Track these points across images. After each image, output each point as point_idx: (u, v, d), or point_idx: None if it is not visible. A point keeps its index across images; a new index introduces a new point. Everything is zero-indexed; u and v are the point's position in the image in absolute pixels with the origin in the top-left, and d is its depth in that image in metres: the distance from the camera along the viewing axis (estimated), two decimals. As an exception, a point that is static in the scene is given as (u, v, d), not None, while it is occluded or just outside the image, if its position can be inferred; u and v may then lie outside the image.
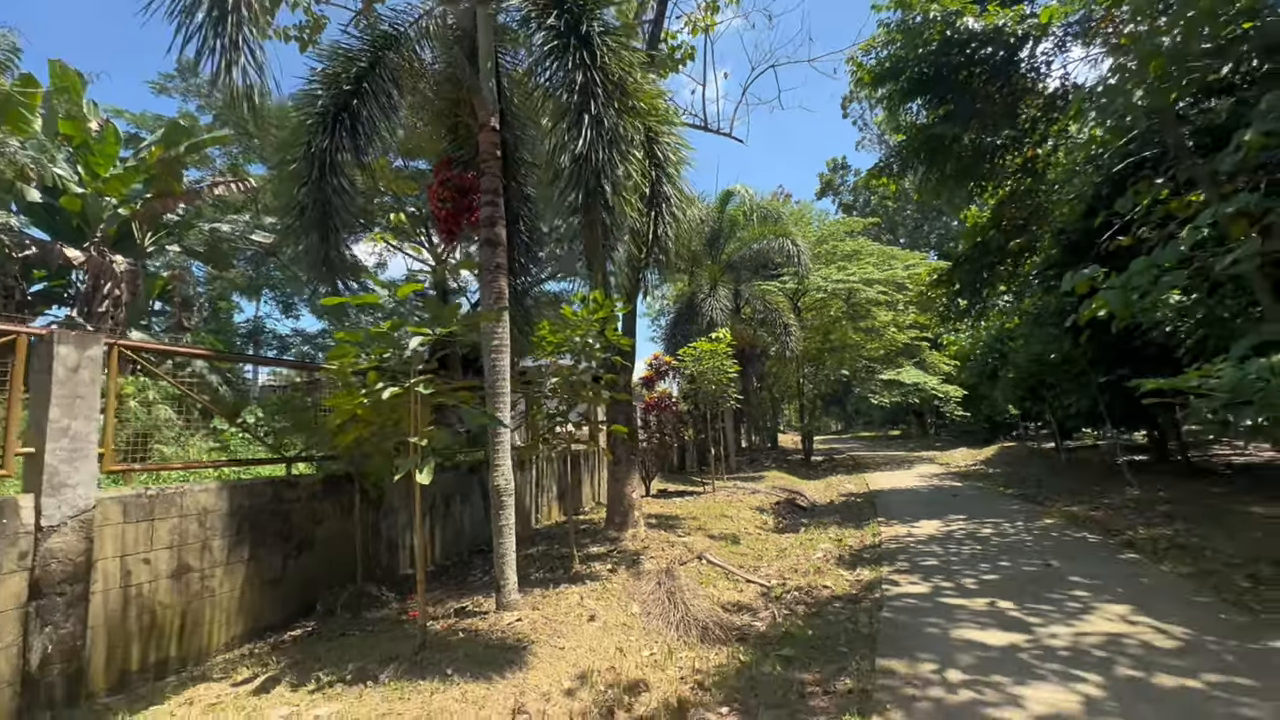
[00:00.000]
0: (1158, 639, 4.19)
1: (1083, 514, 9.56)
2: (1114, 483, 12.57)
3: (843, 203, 39.86)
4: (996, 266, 12.08)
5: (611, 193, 4.56)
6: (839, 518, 10.75)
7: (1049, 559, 6.60)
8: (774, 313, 20.55)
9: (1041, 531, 8.26)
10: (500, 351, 5.11)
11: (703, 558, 7.27)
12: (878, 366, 24.81)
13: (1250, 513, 8.68)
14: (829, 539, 8.69)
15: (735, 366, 15.14)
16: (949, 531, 8.60)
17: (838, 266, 22.25)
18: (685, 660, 4.39)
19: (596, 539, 8.10)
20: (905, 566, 6.66)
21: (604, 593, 5.68)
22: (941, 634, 4.52)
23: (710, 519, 10.14)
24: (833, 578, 6.50)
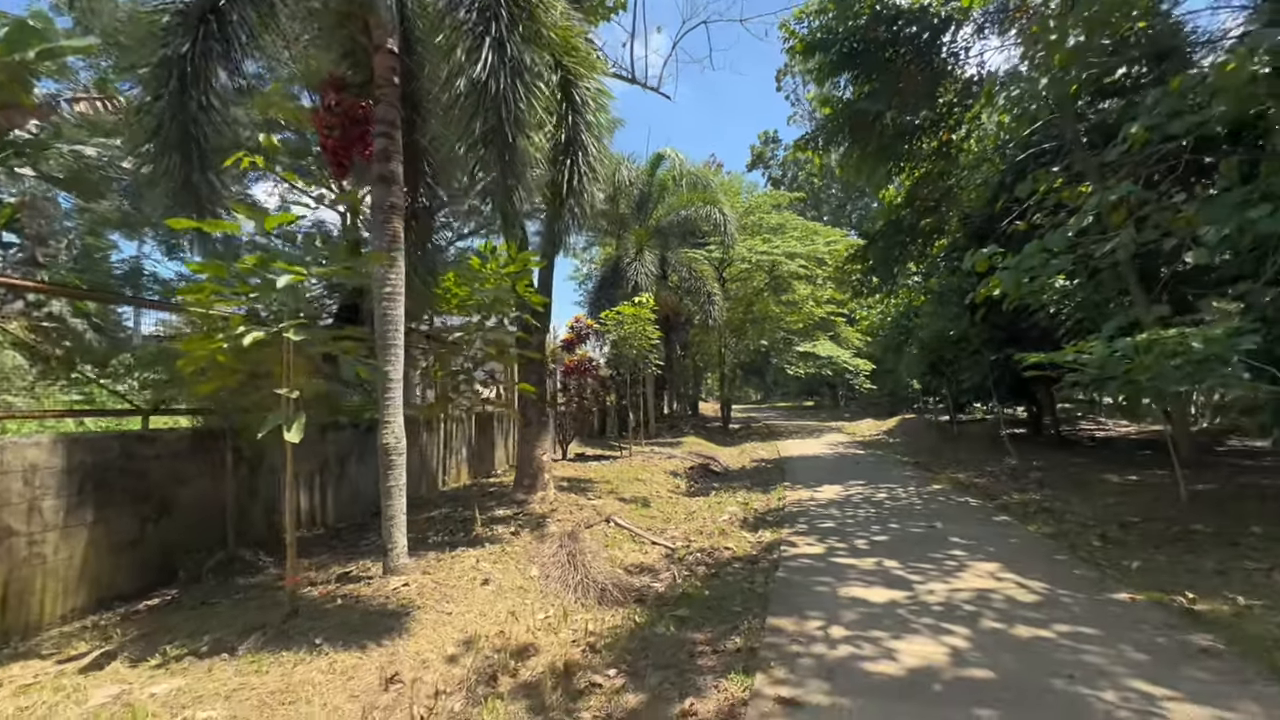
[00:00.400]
0: (1020, 594, 4.50)
1: (967, 480, 10.29)
2: (996, 453, 13.64)
3: (772, 177, 40.46)
4: (908, 245, 12.59)
5: (514, 128, 4.20)
6: (749, 482, 11.05)
7: (934, 521, 7.03)
8: (699, 281, 20.65)
9: (930, 496, 8.80)
10: (393, 300, 4.70)
11: (610, 520, 7.22)
12: (795, 339, 25.64)
13: (1105, 480, 9.62)
14: (737, 502, 8.89)
15: (658, 333, 15.10)
16: (848, 496, 9.00)
17: (763, 238, 22.57)
18: (580, 623, 4.30)
19: (504, 502, 7.87)
20: (804, 529, 6.89)
21: (503, 556, 5.50)
22: (831, 592, 4.67)
23: (623, 483, 10.13)
24: (735, 539, 6.63)
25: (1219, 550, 5.49)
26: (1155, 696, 2.95)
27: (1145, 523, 6.66)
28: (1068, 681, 3.11)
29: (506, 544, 5.92)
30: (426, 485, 9.22)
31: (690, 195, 20.00)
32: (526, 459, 8.13)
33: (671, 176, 21.09)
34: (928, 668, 3.33)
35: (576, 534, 6.15)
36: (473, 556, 5.41)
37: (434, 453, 9.50)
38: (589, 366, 14.40)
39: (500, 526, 6.57)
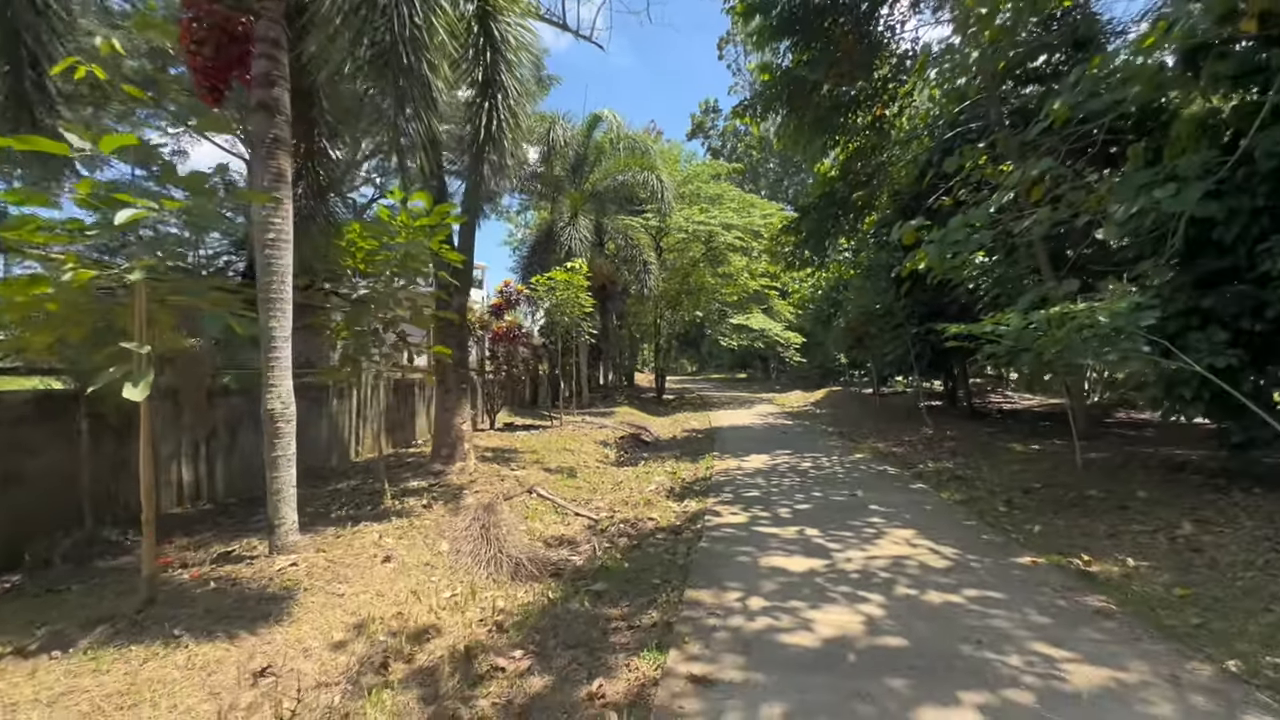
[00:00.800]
0: (932, 559, 4.58)
1: (887, 450, 10.64)
2: (914, 423, 14.24)
3: (711, 147, 40.24)
4: (840, 219, 12.72)
5: (411, 50, 3.71)
6: (679, 452, 11.02)
7: (855, 489, 7.15)
8: (635, 249, 20.32)
9: (852, 465, 9.01)
10: (277, 248, 4.15)
11: (533, 491, 6.94)
12: (730, 311, 25.84)
13: (1011, 449, 10.16)
14: (665, 472, 8.80)
15: (591, 301, 14.74)
16: (774, 465, 9.09)
17: (700, 209, 22.40)
18: (490, 600, 4.03)
19: (420, 473, 7.43)
20: (730, 498, 6.85)
21: (410, 530, 5.12)
22: (751, 562, 4.60)
23: (551, 453, 9.85)
24: (660, 510, 6.51)
25: (1110, 515, 5.82)
26: (1056, 659, 3.00)
27: (1046, 489, 7.01)
28: (975, 647, 3.12)
29: (416, 517, 5.54)
30: (337, 456, 8.61)
31: (628, 160, 19.49)
32: (445, 428, 7.68)
33: (609, 140, 20.48)
34: (843, 637, 3.27)
35: (494, 506, 5.83)
36: (376, 531, 5.00)
37: (345, 421, 8.87)
38: (518, 333, 13.89)
39: (412, 499, 6.16)
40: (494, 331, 13.76)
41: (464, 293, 7.87)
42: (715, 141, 40.15)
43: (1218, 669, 2.88)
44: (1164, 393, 6.22)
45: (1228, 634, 3.30)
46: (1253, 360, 6.01)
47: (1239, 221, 5.88)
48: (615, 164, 19.65)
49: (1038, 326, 5.09)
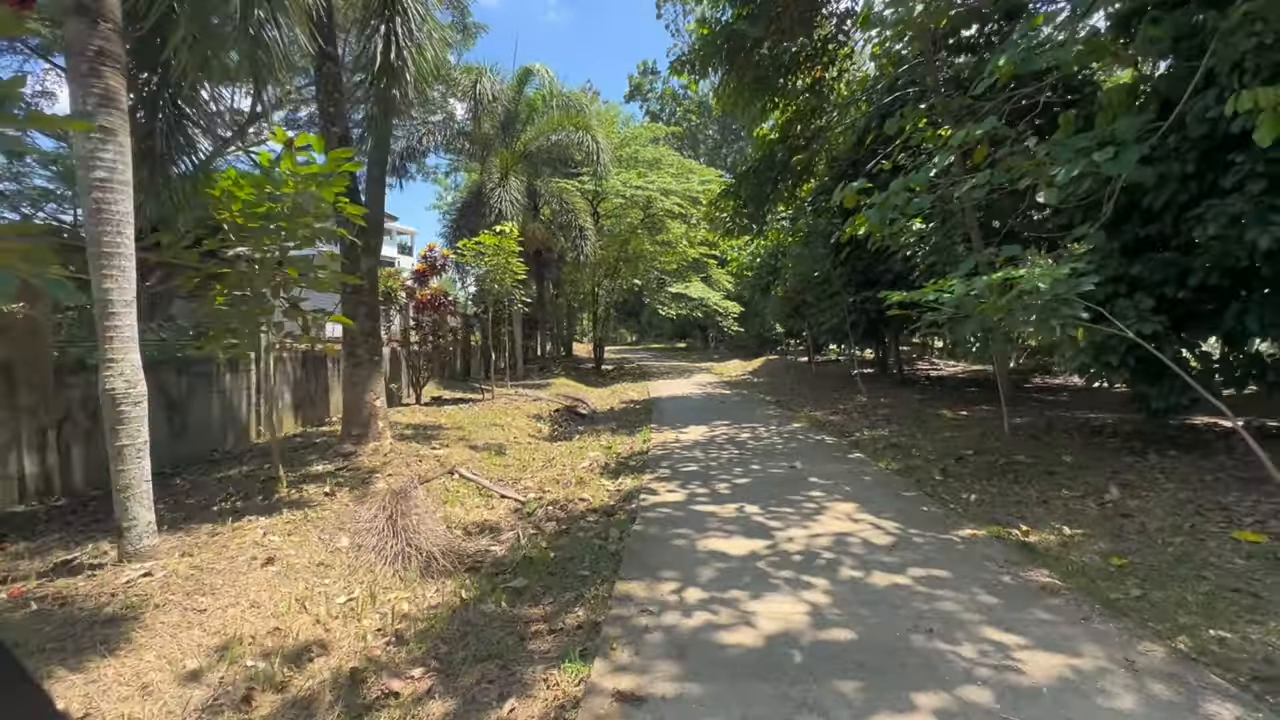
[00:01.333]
0: (875, 535, 4.39)
1: (823, 418, 10.64)
2: (849, 391, 14.43)
3: (650, 110, 39.26)
4: (779, 184, 12.46)
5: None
6: (616, 425, 10.64)
7: (794, 461, 6.98)
8: (571, 214, 19.51)
9: (789, 435, 8.89)
10: (109, 189, 3.34)
11: (455, 472, 6.38)
12: (668, 279, 25.50)
13: (941, 415, 10.35)
14: (600, 446, 8.39)
15: (523, 267, 13.97)
16: (713, 436, 8.86)
17: (638, 173, 21.72)
18: (391, 604, 3.51)
19: (328, 455, 6.70)
20: (667, 473, 6.53)
21: (304, 524, 4.49)
22: (689, 545, 4.26)
23: (479, 428, 9.24)
24: (594, 488, 6.10)
25: (1040, 480, 5.86)
26: (1009, 646, 2.80)
27: (978, 455, 7.06)
28: (927, 637, 2.89)
29: (315, 508, 4.89)
30: (234, 437, 7.70)
31: (562, 119, 18.51)
32: (355, 405, 6.94)
33: (541, 96, 19.40)
34: (788, 633, 2.97)
35: (407, 491, 5.24)
36: (262, 528, 4.34)
37: (242, 399, 7.94)
38: (444, 301, 13.00)
39: (313, 486, 5.48)
40: (418, 300, 12.83)
41: (373, 254, 7.06)
42: (654, 105, 39.18)
43: (1169, 650, 2.76)
44: (1092, 359, 6.28)
45: (1169, 606, 3.22)
46: (1174, 327, 6.13)
47: (1168, 188, 5.91)
48: (548, 123, 18.62)
49: (979, 294, 4.93)
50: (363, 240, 6.94)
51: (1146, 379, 6.36)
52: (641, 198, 20.45)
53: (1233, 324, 5.78)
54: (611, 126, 23.65)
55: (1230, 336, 6.35)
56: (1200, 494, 5.04)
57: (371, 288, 7.04)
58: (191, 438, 6.90)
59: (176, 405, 6.73)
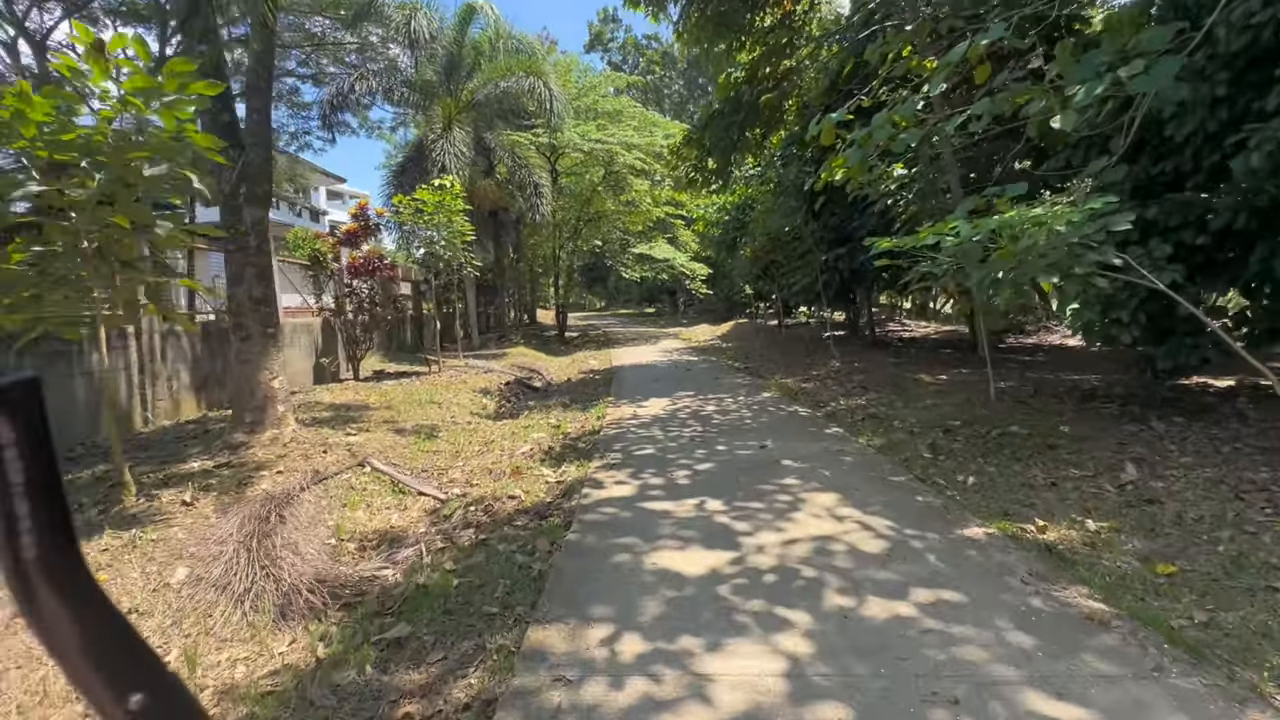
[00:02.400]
0: (864, 539, 3.56)
1: (795, 386, 9.85)
2: (821, 355, 13.70)
3: (611, 62, 37.16)
4: (745, 131, 11.36)
5: None
6: (570, 399, 9.67)
7: (764, 439, 6.13)
8: (525, 170, 18.08)
9: (759, 406, 8.06)
10: None
11: (367, 464, 5.36)
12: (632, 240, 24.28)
13: (920, 381, 9.65)
14: (548, 425, 7.44)
15: (469, 227, 12.69)
16: (674, 410, 7.97)
17: (597, 125, 20.26)
18: (218, 672, 2.54)
19: (214, 448, 5.60)
20: (618, 459, 5.61)
21: (130, 551, 3.45)
22: (632, 562, 3.37)
23: (412, 407, 8.19)
24: (530, 480, 5.15)
25: (1041, 456, 5.13)
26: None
27: (966, 426, 6.32)
28: (952, 715, 2.05)
29: (161, 523, 3.84)
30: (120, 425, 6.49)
31: (511, 63, 16.91)
32: (246, 386, 5.81)
33: (488, 39, 17.71)
34: (758, 712, 2.11)
35: (290, 495, 4.23)
36: (72, 558, 3.29)
37: (124, 379, 6.71)
38: (379, 265, 11.71)
39: (174, 491, 4.41)
40: (349, 263, 11.51)
41: (259, 204, 5.82)
42: (615, 56, 37.09)
43: (1285, 720, 1.97)
44: (1098, 315, 5.53)
45: (1250, 637, 2.46)
46: (1189, 277, 5.39)
47: (1194, 116, 5.08)
48: (496, 68, 17.01)
49: (988, 238, 4.05)
50: (246, 187, 5.71)
51: (1154, 337, 5.65)
52: (602, 152, 19.05)
53: (1258, 270, 5.04)
54: (568, 75, 21.99)
55: (1249, 288, 5.66)
56: (1228, 471, 4.34)
57: (259, 246, 5.83)
58: (44, 431, 5.70)
59: (17, 393, 5.50)
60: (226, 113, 5.71)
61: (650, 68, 34.53)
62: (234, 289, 5.78)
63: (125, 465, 4.21)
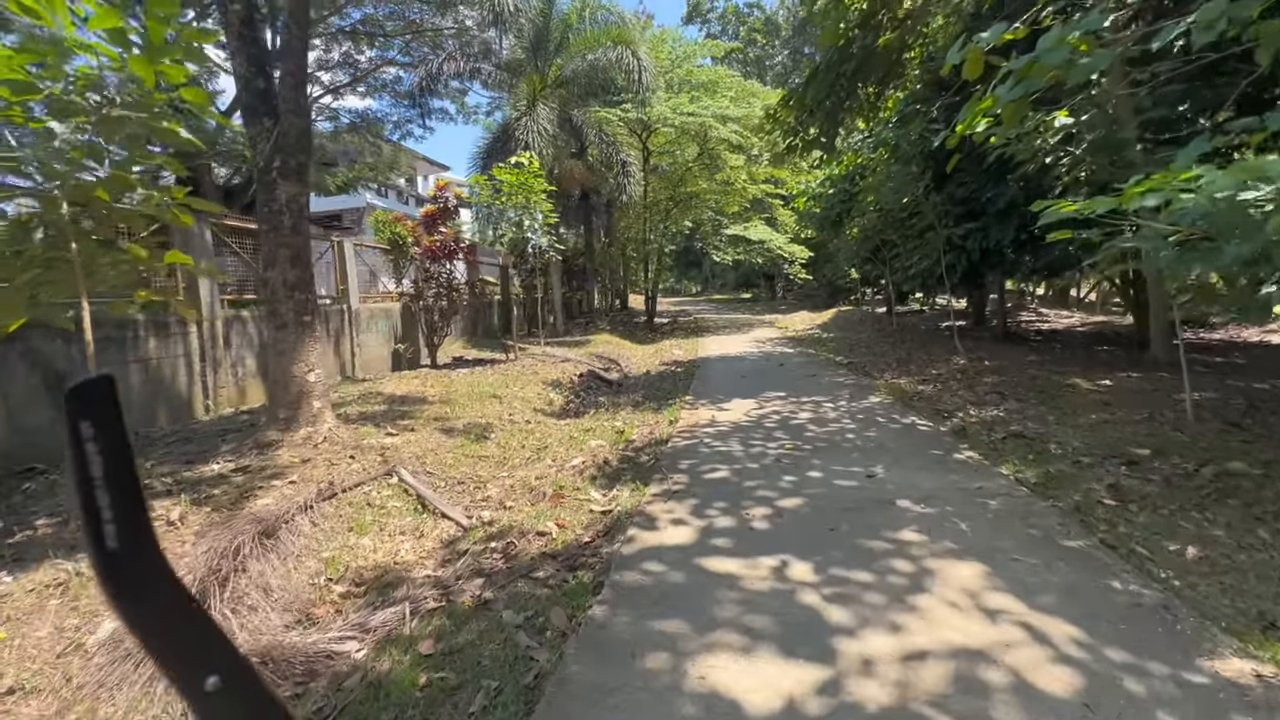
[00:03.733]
0: (1039, 667, 2.27)
1: (911, 389, 8.26)
2: (940, 349, 11.78)
3: (710, 33, 35.34)
4: (857, 87, 9.69)
5: None
6: (643, 395, 8.70)
7: (872, 464, 4.81)
8: (612, 148, 17.22)
9: (866, 415, 6.64)
10: None
11: (395, 473, 4.68)
12: (724, 220, 22.78)
13: (1075, 387, 7.75)
14: (611, 429, 6.50)
15: (549, 206, 12.01)
16: (760, 416, 6.76)
17: (691, 97, 18.93)
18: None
19: (242, 447, 5.15)
20: (682, 483, 4.54)
21: (62, 592, 2.86)
22: (672, 677, 2.30)
23: (471, 400, 7.56)
24: (571, 508, 4.22)
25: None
26: None
27: (1159, 458, 4.66)
28: None
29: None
30: (169, 416, 6.36)
31: (598, 34, 16.04)
32: (281, 380, 5.33)
33: (576, 11, 16.87)
34: None
35: (284, 517, 3.56)
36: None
37: (178, 369, 6.54)
38: (455, 247, 11.28)
39: (169, 501, 3.90)
40: (427, 247, 11.18)
41: (295, 179, 5.26)
42: (715, 27, 35.21)
43: None
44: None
45: None
46: None
47: None
48: (582, 40, 16.19)
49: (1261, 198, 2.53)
50: (280, 160, 5.16)
51: None
52: (695, 125, 17.72)
53: None
54: (662, 47, 20.73)
55: None
56: None
57: (295, 225, 5.28)
58: (93, 420, 5.54)
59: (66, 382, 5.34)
60: (261, 78, 5.18)
61: (752, 36, 32.40)
62: (268, 272, 5.29)
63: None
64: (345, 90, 21.62)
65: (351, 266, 10.08)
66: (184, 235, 6.74)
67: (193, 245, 6.79)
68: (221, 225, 7.22)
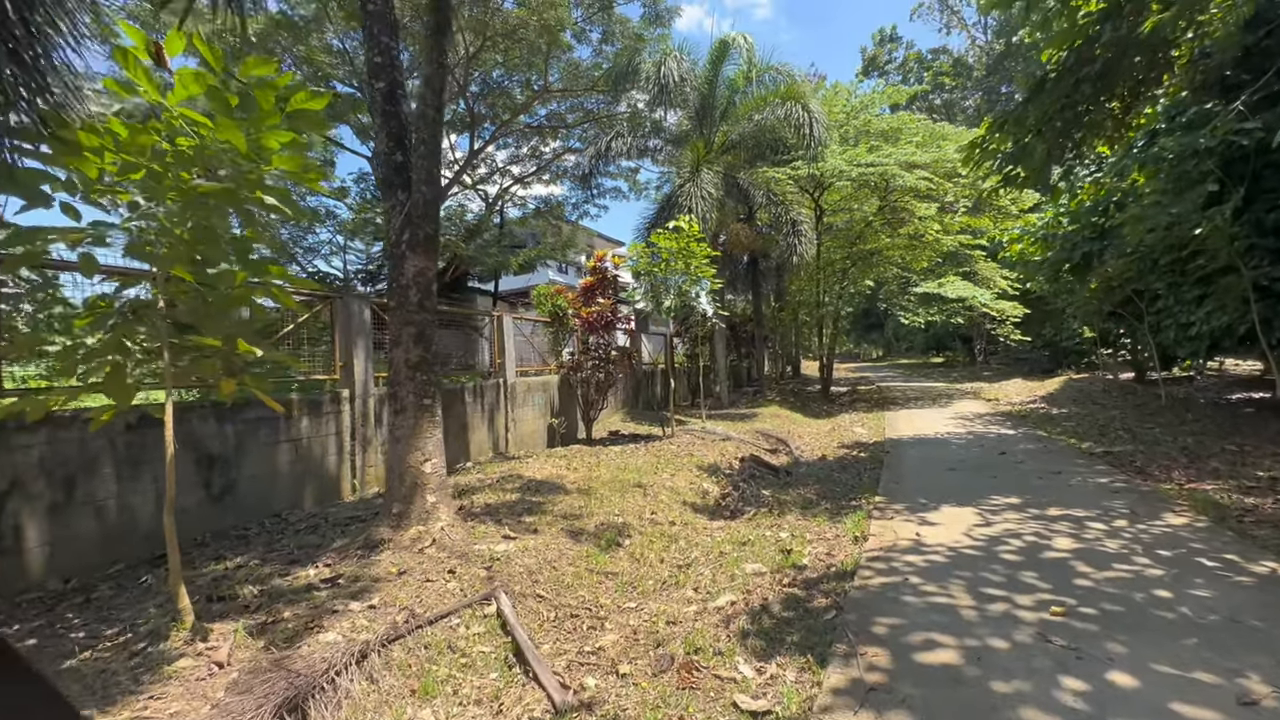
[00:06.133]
0: None
1: (1230, 500, 5.57)
2: (1249, 433, 8.36)
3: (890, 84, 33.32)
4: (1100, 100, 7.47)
5: None
6: (817, 491, 7.03)
7: (1233, 667, 2.75)
8: (780, 207, 16.14)
9: (1175, 551, 4.32)
10: None
11: (495, 599, 3.75)
12: (913, 278, 20.09)
13: None
14: (774, 545, 5.02)
15: (710, 270, 11.17)
16: (990, 540, 4.78)
17: (869, 147, 17.27)
18: None
19: (346, 548, 4.62)
20: (880, 669, 2.94)
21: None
22: None
23: (613, 490, 6.60)
24: (703, 696, 2.87)
25: None
26: None
27: None
28: None
29: (144, 696, 2.65)
30: (317, 495, 6.29)
31: (766, 94, 15.36)
32: (397, 470, 4.80)
33: (743, 74, 16.45)
34: None
35: (305, 687, 2.74)
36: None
37: (328, 447, 6.52)
38: (613, 319, 10.83)
39: (232, 624, 3.33)
40: (583, 318, 10.89)
41: (423, 251, 4.89)
42: (895, 78, 33.15)
43: None
44: None
45: None
46: None
47: None
48: (749, 103, 15.62)
49: None
50: (409, 233, 4.85)
51: None
52: (874, 176, 15.96)
53: None
54: (835, 100, 19.49)
55: None
56: None
57: (421, 301, 4.87)
58: (239, 502, 5.52)
59: (216, 462, 5.38)
60: (400, 151, 4.99)
61: (939, 81, 29.78)
62: (393, 351, 4.92)
63: (182, 586, 3.24)
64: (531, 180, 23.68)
65: (509, 340, 10.02)
66: (345, 314, 6.91)
67: (352, 324, 6.93)
68: (383, 304, 7.36)
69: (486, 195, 23.53)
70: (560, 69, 17.49)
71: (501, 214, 23.33)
